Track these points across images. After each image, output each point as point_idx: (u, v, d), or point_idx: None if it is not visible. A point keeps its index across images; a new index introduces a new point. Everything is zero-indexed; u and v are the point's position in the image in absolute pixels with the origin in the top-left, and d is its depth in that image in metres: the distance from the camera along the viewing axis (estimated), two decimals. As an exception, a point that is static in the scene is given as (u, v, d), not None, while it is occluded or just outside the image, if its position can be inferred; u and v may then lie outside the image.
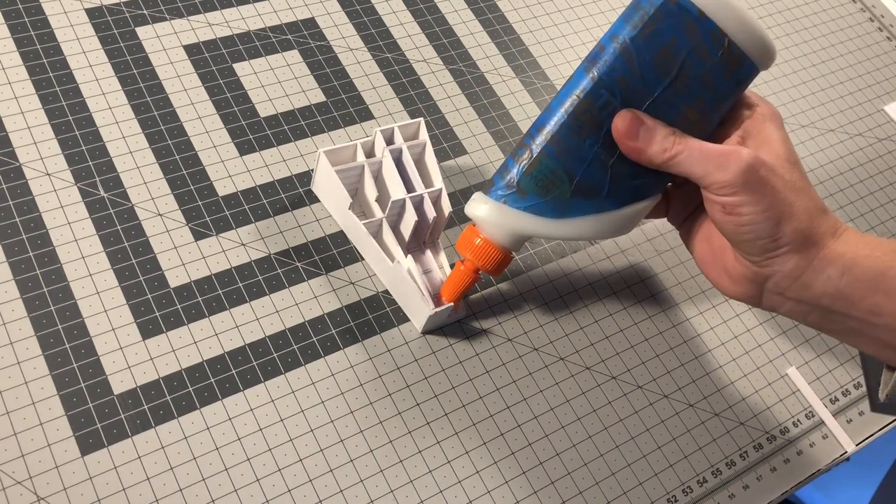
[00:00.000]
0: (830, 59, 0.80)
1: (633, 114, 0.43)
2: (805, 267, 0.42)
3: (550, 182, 0.46)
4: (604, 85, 0.44)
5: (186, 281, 0.53)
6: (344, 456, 0.50)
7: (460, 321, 0.56)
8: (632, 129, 0.43)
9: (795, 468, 0.56)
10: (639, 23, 0.43)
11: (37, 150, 0.55)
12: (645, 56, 0.43)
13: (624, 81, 0.43)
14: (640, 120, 0.43)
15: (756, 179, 0.41)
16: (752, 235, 0.42)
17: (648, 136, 0.43)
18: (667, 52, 0.43)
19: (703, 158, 0.42)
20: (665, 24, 0.42)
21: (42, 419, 0.47)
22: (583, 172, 0.46)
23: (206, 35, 0.63)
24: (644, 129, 0.43)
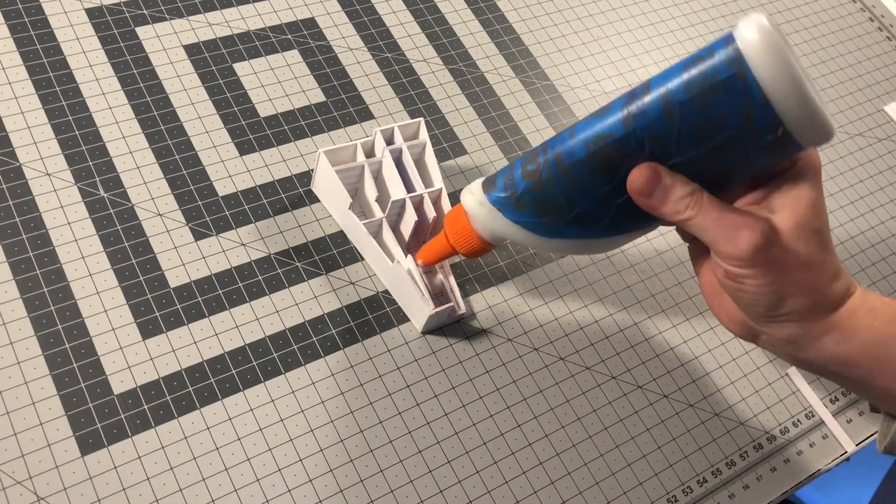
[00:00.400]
0: (830, 59, 0.80)
1: (651, 170, 0.41)
2: (801, 335, 0.42)
3: (551, 206, 0.45)
4: (635, 137, 0.40)
5: (186, 281, 0.53)
6: (344, 456, 0.50)
7: (460, 321, 0.56)
8: (648, 187, 0.41)
9: (795, 468, 0.56)
10: (695, 89, 0.38)
11: (37, 150, 0.55)
12: (689, 123, 0.39)
13: (658, 139, 0.40)
14: (657, 177, 0.41)
15: (765, 258, 0.39)
16: (752, 304, 0.41)
17: (664, 195, 0.41)
18: (713, 125, 0.39)
19: (715, 227, 0.40)
20: (722, 99, 0.38)
21: (42, 419, 0.47)
22: (586, 205, 0.44)
23: (206, 35, 0.63)
24: (660, 189, 0.41)
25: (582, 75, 0.71)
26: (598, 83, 0.71)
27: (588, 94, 0.70)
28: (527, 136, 0.66)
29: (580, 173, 0.43)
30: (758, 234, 0.39)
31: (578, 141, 0.42)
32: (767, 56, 0.36)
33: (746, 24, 0.37)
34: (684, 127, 0.39)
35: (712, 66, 0.38)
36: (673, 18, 0.78)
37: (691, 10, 0.79)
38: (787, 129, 0.37)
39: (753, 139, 0.38)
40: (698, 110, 0.38)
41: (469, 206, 0.48)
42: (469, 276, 0.58)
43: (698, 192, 0.40)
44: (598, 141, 0.41)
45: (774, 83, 0.36)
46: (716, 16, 0.79)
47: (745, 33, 0.37)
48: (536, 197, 0.45)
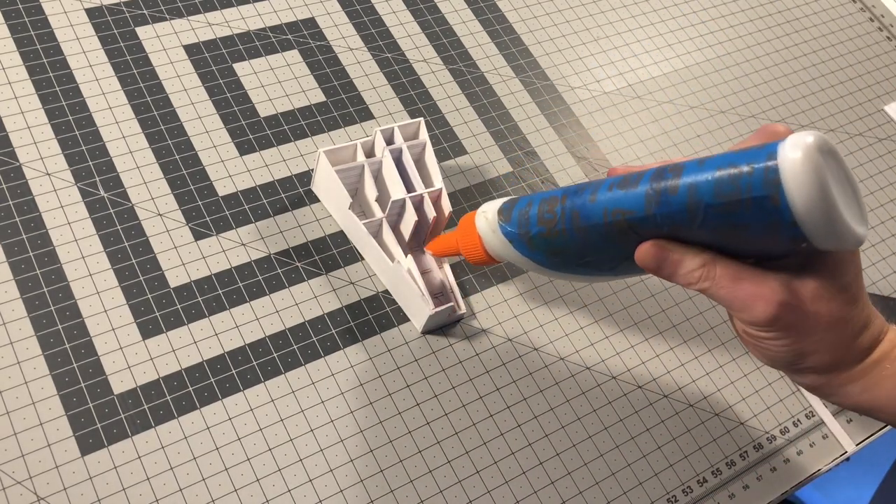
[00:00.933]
0: (830, 59, 0.80)
1: (657, 247, 0.40)
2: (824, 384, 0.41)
3: (561, 252, 0.45)
4: (654, 221, 0.39)
5: (186, 281, 0.53)
6: (344, 456, 0.50)
7: (460, 321, 0.56)
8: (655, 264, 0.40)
9: (795, 468, 0.56)
10: (725, 197, 0.37)
11: (37, 150, 0.55)
12: (712, 223, 0.38)
13: (676, 226, 0.39)
14: (665, 254, 0.40)
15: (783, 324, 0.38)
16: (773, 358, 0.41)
17: (673, 268, 0.40)
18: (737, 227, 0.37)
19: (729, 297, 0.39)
20: (751, 213, 0.36)
21: (42, 419, 0.47)
22: (595, 257, 0.44)
23: (206, 35, 0.63)
24: (669, 263, 0.40)
25: (582, 75, 0.71)
26: (598, 83, 0.71)
27: (588, 94, 0.70)
28: (527, 136, 0.66)
29: (594, 235, 0.42)
30: (773, 305, 0.38)
31: (598, 207, 0.42)
32: (805, 186, 0.34)
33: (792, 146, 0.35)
34: (707, 225, 0.38)
35: (747, 180, 0.36)
36: (673, 18, 0.78)
37: (691, 10, 0.79)
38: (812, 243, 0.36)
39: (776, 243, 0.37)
40: (725, 216, 0.37)
41: (482, 229, 0.49)
42: (469, 276, 0.58)
43: (710, 264, 0.39)
44: (618, 214, 0.41)
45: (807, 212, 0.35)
46: (716, 16, 0.79)
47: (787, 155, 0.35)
48: (549, 242, 0.45)
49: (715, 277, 0.39)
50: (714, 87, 0.74)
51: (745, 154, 0.37)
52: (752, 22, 0.80)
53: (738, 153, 0.37)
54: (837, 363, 0.40)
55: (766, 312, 0.38)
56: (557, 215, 0.44)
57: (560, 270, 0.47)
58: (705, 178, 0.37)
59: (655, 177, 0.39)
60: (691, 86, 0.73)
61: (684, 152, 0.69)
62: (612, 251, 0.43)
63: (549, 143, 0.66)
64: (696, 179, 0.38)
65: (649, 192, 0.39)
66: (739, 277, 0.39)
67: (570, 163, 0.65)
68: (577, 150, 0.66)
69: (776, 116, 0.74)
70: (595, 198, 0.42)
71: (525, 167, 0.64)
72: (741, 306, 0.39)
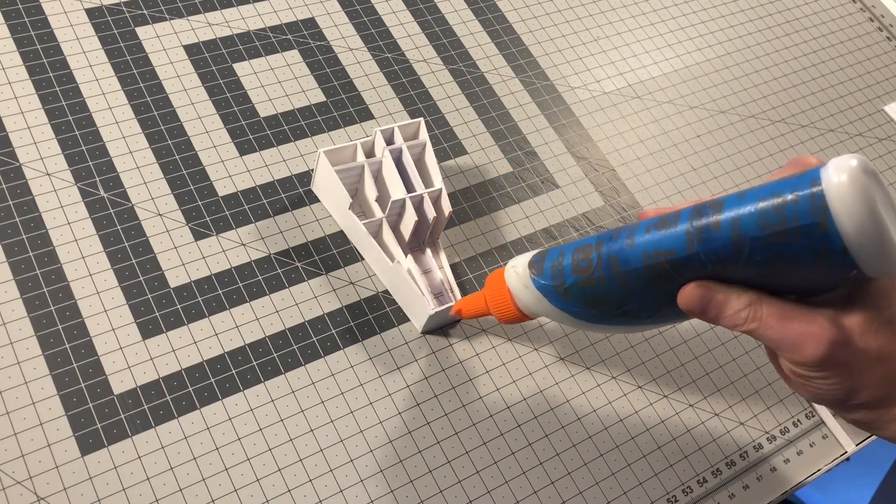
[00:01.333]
0: (830, 59, 0.80)
1: (702, 290, 0.39)
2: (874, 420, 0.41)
3: (599, 302, 0.43)
4: (698, 259, 0.38)
5: (186, 281, 0.53)
6: (344, 456, 0.50)
7: (460, 321, 0.56)
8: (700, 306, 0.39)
9: (795, 468, 0.56)
10: (770, 228, 0.36)
11: (37, 150, 0.55)
12: (758, 257, 0.37)
13: (721, 263, 0.38)
14: (709, 294, 0.39)
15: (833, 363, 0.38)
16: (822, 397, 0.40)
17: (718, 311, 0.39)
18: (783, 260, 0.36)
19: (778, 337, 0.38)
20: (799, 243, 0.35)
21: (42, 419, 0.47)
22: (635, 305, 0.43)
23: (206, 35, 0.63)
24: (713, 305, 0.39)
25: (582, 75, 0.71)
26: (598, 83, 0.71)
27: (588, 94, 0.70)
28: (527, 136, 0.66)
29: (634, 280, 0.41)
30: (823, 344, 0.37)
31: (637, 250, 0.40)
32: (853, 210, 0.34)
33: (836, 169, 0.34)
34: (753, 259, 0.37)
35: (793, 209, 0.35)
36: (673, 18, 0.78)
37: (691, 10, 0.79)
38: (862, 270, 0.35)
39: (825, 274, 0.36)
40: (771, 248, 0.36)
41: (513, 285, 0.47)
42: (469, 276, 0.58)
43: (756, 304, 0.38)
44: (658, 256, 0.40)
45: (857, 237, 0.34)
46: (716, 16, 0.79)
47: (832, 178, 0.34)
48: (586, 292, 0.44)
49: (762, 318, 0.38)
50: (714, 87, 0.74)
51: (786, 183, 0.36)
52: (752, 22, 0.80)
53: (778, 182, 0.36)
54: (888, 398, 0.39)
55: (817, 352, 0.37)
56: (594, 263, 0.43)
57: (598, 322, 0.45)
58: (748, 210, 0.36)
59: (695, 214, 0.38)
60: (691, 86, 0.73)
61: (684, 152, 0.69)
62: (653, 297, 0.41)
63: (549, 143, 0.66)
64: (738, 213, 0.37)
65: (690, 231, 0.38)
66: (787, 317, 0.38)
67: (570, 163, 0.65)
68: (577, 150, 0.66)
69: (776, 116, 0.74)
70: (633, 241, 0.41)
71: (525, 167, 0.64)
72: (790, 347, 0.38)
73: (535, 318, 0.50)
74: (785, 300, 0.38)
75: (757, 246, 0.36)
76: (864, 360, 0.38)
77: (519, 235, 0.61)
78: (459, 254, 0.59)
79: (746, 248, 0.37)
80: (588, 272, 0.43)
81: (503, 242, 0.60)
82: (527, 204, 0.62)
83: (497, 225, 0.61)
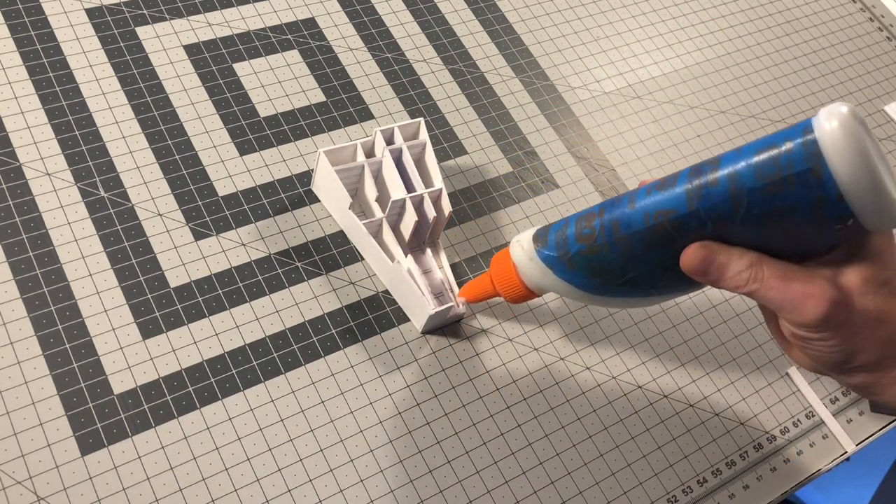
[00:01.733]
0: (830, 59, 0.80)
1: (704, 250, 0.40)
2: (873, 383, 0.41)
3: (603, 270, 0.44)
4: (698, 217, 0.39)
5: (186, 281, 0.53)
6: (344, 456, 0.50)
7: (460, 321, 0.56)
8: (702, 266, 0.40)
9: (795, 468, 0.56)
10: (766, 178, 0.36)
11: (37, 150, 0.55)
12: (755, 209, 0.37)
13: (720, 221, 0.39)
14: (711, 255, 0.39)
15: (833, 323, 0.38)
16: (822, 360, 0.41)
17: (720, 272, 0.40)
18: (780, 213, 0.37)
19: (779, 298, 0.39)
20: (794, 191, 0.36)
21: (42, 419, 0.47)
22: (639, 272, 0.43)
23: (206, 35, 0.63)
24: (715, 266, 0.39)
25: (582, 75, 0.71)
26: (598, 83, 0.71)
27: (588, 94, 0.70)
28: (527, 136, 0.66)
29: (637, 244, 0.42)
30: (824, 303, 0.38)
31: (638, 212, 0.41)
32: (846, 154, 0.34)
33: (827, 115, 0.35)
34: (750, 211, 0.38)
35: (787, 157, 0.36)
36: (673, 18, 0.78)
37: (691, 10, 0.79)
38: (859, 220, 0.36)
39: (821, 226, 0.37)
40: (767, 198, 0.37)
41: (518, 259, 0.48)
42: (469, 276, 0.58)
43: (757, 265, 0.39)
44: (659, 216, 0.40)
45: (851, 181, 0.35)
46: (716, 16, 0.79)
47: (824, 125, 0.35)
48: (589, 260, 0.44)
49: (763, 279, 0.39)
50: (714, 87, 0.74)
51: (780, 134, 0.37)
52: (752, 22, 0.80)
53: (773, 136, 0.37)
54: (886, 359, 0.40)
55: (817, 312, 0.38)
56: (596, 230, 0.43)
57: (603, 294, 0.45)
58: (744, 163, 0.37)
59: (693, 173, 0.39)
60: (691, 86, 0.73)
61: (684, 152, 0.69)
62: (656, 261, 0.42)
63: (549, 143, 0.66)
64: (735, 167, 0.38)
65: (689, 189, 0.39)
66: (788, 277, 0.38)
67: (571, 163, 0.65)
68: (577, 150, 0.66)
69: (776, 116, 0.74)
70: (634, 205, 0.41)
71: (525, 167, 0.64)
72: (791, 307, 0.38)
73: (542, 295, 0.50)
74: (785, 262, 0.39)
75: (754, 198, 0.37)
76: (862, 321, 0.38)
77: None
78: (459, 254, 0.59)
79: (744, 201, 0.37)
80: (591, 239, 0.43)
81: (503, 242, 0.60)
82: (527, 204, 0.62)
83: (497, 225, 0.61)
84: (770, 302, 0.39)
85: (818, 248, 0.39)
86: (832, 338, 0.39)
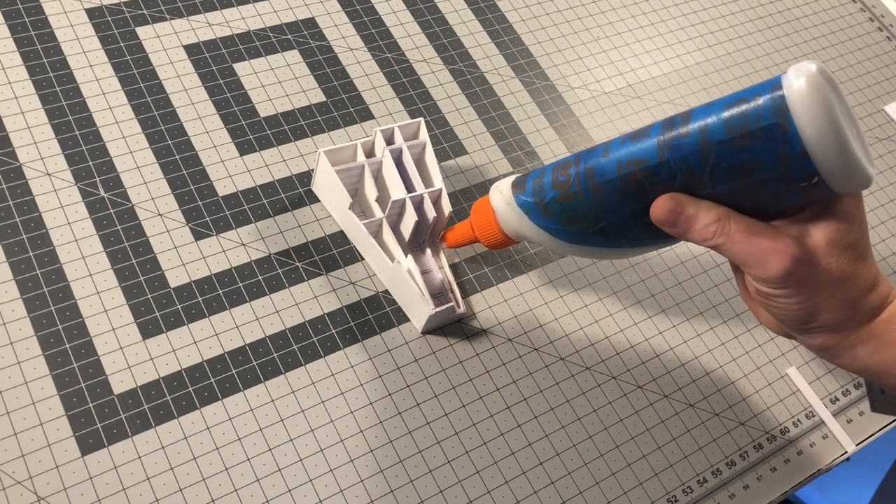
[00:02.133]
0: (830, 59, 0.80)
1: (673, 201, 0.40)
2: (834, 345, 0.42)
3: (577, 217, 0.45)
4: (668, 168, 0.40)
5: (186, 281, 0.53)
6: (344, 456, 0.50)
7: (460, 321, 0.56)
8: (670, 218, 0.41)
9: (795, 468, 0.56)
10: (735, 131, 0.38)
11: (37, 150, 0.55)
12: (723, 162, 0.38)
13: (690, 172, 0.40)
14: (680, 208, 0.40)
15: (796, 280, 0.39)
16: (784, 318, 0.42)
17: (687, 224, 0.40)
18: (748, 166, 0.38)
19: (744, 252, 0.39)
20: (761, 145, 0.37)
21: (42, 419, 0.47)
22: (612, 221, 0.44)
23: (206, 35, 0.63)
24: (684, 218, 0.40)
25: (582, 75, 0.71)
26: (598, 83, 0.71)
27: (588, 94, 0.70)
28: (527, 136, 0.66)
29: (609, 192, 0.43)
30: (787, 259, 0.38)
31: (612, 161, 0.42)
32: (812, 110, 0.35)
33: (795, 73, 0.36)
34: (719, 164, 0.39)
35: (755, 111, 0.37)
36: (673, 18, 0.78)
37: (691, 10, 0.79)
38: (824, 178, 0.37)
39: (788, 183, 0.38)
40: (735, 151, 0.38)
41: (496, 204, 0.49)
42: (469, 276, 0.58)
43: (724, 219, 0.40)
44: (631, 165, 0.41)
45: (816, 138, 0.36)
46: (716, 16, 0.79)
47: (792, 82, 0.36)
48: (564, 207, 0.45)
49: (730, 232, 0.40)
50: (714, 87, 0.74)
51: (751, 89, 0.38)
52: (752, 22, 0.80)
53: (743, 91, 0.38)
54: (847, 321, 0.41)
55: (780, 267, 0.39)
56: (572, 177, 0.44)
57: (576, 242, 0.46)
58: (714, 117, 0.38)
59: (666, 125, 0.40)
60: (691, 86, 0.73)
61: (684, 152, 0.69)
62: (627, 211, 0.43)
63: (549, 143, 0.66)
64: (706, 120, 0.39)
65: (661, 140, 0.40)
66: (754, 233, 0.39)
67: (570, 163, 0.65)
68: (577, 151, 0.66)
69: (776, 116, 0.74)
70: (608, 154, 0.43)
71: (525, 167, 0.64)
72: (755, 262, 0.39)
73: (519, 242, 0.51)
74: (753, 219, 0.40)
75: (723, 151, 0.38)
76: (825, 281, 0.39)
77: (519, 235, 0.61)
78: (459, 254, 0.59)
79: (713, 154, 0.38)
80: (566, 186, 0.45)
81: (503, 242, 0.60)
82: (527, 204, 0.62)
83: (497, 225, 0.61)
84: (735, 256, 0.40)
85: (786, 207, 0.40)
86: (795, 295, 0.40)
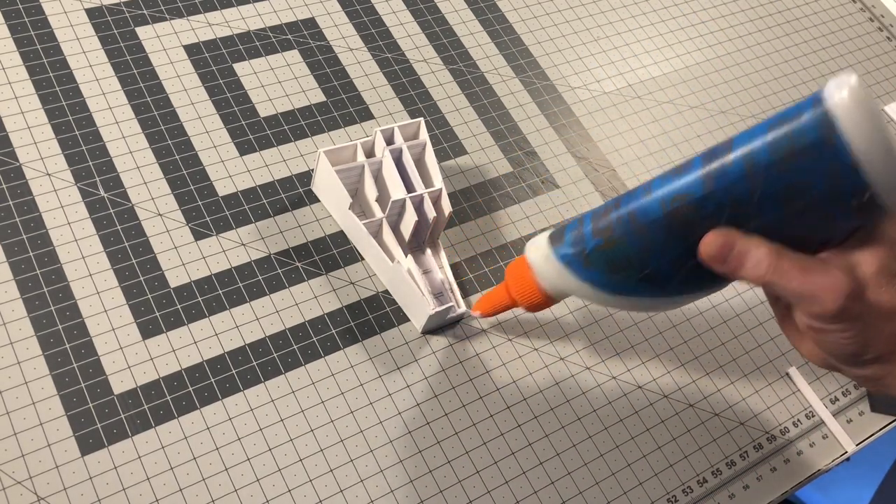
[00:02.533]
0: (830, 59, 0.80)
1: (723, 237, 0.39)
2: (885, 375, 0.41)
3: (621, 265, 0.43)
4: (715, 199, 0.39)
5: (186, 281, 0.53)
6: (344, 456, 0.50)
7: (460, 321, 0.56)
8: (721, 254, 0.39)
9: (795, 468, 0.56)
10: (781, 152, 0.36)
11: (37, 150, 0.55)
12: (771, 188, 0.37)
13: (737, 203, 0.38)
14: (731, 244, 0.39)
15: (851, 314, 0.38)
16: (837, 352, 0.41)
17: (738, 261, 0.39)
18: (797, 188, 0.37)
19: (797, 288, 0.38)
20: (808, 163, 0.36)
21: (42, 419, 0.47)
22: (658, 266, 0.42)
23: (206, 35, 0.63)
24: (734, 255, 0.39)
25: (582, 75, 0.71)
26: (598, 83, 0.71)
27: (588, 94, 0.70)
28: (527, 136, 0.66)
29: (654, 233, 0.41)
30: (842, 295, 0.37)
31: (654, 199, 0.41)
32: (858, 119, 0.35)
33: (836, 85, 0.35)
34: (767, 189, 0.37)
35: (799, 128, 0.36)
36: (673, 18, 0.78)
37: (691, 10, 0.79)
38: (875, 193, 0.36)
39: (838, 203, 0.37)
40: (783, 173, 0.37)
41: (535, 261, 0.47)
42: (469, 276, 0.58)
43: (775, 254, 0.39)
44: (676, 201, 0.40)
45: (865, 147, 0.35)
46: (716, 16, 0.79)
47: (834, 94, 0.35)
48: (607, 255, 0.43)
49: (783, 269, 0.39)
50: (714, 87, 0.74)
51: (791, 109, 0.37)
52: (752, 22, 0.80)
53: (783, 112, 0.37)
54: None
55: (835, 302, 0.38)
56: (613, 222, 0.43)
57: (621, 293, 0.44)
58: (758, 140, 0.37)
59: (707, 156, 0.39)
60: (691, 86, 0.73)
61: (684, 153, 0.69)
62: (673, 252, 0.41)
63: (549, 143, 0.66)
64: (749, 145, 0.38)
65: (704, 172, 0.39)
66: (806, 268, 0.38)
67: (570, 163, 0.65)
68: (577, 150, 0.66)
69: (776, 116, 0.74)
70: (650, 194, 0.41)
71: (525, 167, 0.64)
72: (810, 298, 0.38)
73: (561, 301, 0.49)
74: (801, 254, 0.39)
75: (770, 175, 0.37)
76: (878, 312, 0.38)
77: (519, 235, 0.61)
78: (459, 254, 0.59)
79: (760, 179, 0.37)
80: (608, 233, 0.43)
81: (503, 242, 0.60)
82: (527, 204, 0.62)
83: (497, 225, 0.61)
84: (790, 293, 0.39)
85: (833, 234, 0.39)
86: (848, 329, 0.39)
